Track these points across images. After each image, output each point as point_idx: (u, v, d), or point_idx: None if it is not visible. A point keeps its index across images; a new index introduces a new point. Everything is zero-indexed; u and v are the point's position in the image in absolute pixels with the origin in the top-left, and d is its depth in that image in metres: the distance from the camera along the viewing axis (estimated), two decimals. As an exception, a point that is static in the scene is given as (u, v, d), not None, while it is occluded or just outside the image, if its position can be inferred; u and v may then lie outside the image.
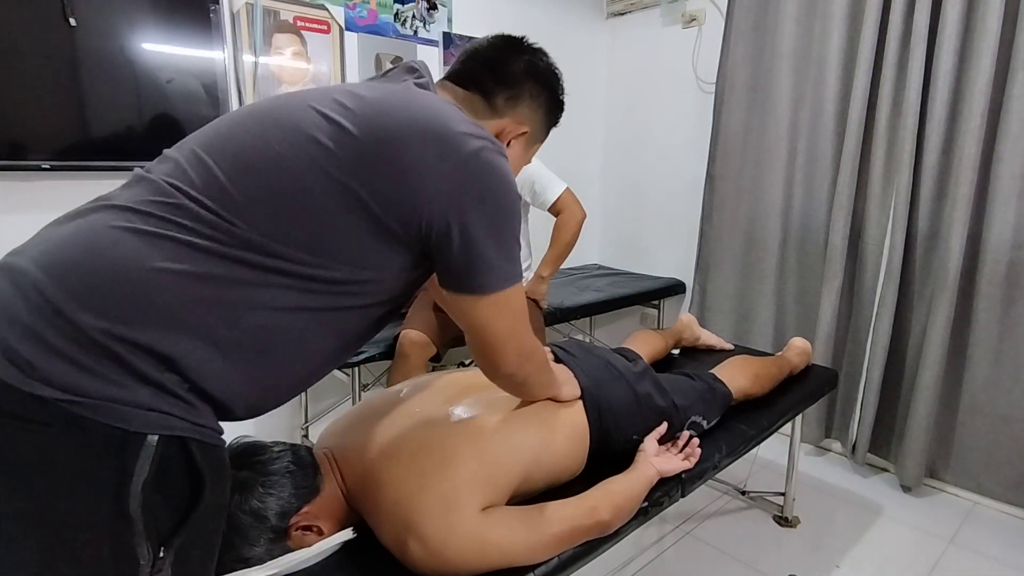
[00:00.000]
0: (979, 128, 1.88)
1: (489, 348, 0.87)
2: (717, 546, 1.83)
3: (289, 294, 0.72)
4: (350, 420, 1.10)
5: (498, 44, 0.94)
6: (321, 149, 0.72)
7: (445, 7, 2.48)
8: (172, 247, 0.67)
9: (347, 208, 0.72)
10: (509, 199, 0.80)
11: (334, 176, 0.71)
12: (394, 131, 0.73)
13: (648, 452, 1.21)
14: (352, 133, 0.72)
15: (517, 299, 0.85)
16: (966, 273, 1.99)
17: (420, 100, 0.79)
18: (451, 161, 0.74)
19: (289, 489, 0.90)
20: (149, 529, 0.64)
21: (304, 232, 0.71)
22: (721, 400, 1.45)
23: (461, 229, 0.75)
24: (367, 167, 0.72)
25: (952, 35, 1.92)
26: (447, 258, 0.78)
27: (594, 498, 1.05)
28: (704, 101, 2.74)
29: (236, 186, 0.70)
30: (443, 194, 0.74)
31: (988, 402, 2.00)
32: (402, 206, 0.73)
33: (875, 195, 2.18)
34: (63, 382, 0.60)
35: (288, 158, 0.71)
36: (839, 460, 2.37)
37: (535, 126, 0.97)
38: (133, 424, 0.62)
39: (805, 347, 1.87)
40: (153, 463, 0.63)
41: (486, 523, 0.91)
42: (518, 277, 0.83)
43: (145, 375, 0.64)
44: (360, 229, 0.73)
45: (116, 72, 1.69)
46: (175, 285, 0.66)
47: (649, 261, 3.14)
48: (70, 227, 0.69)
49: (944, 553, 1.81)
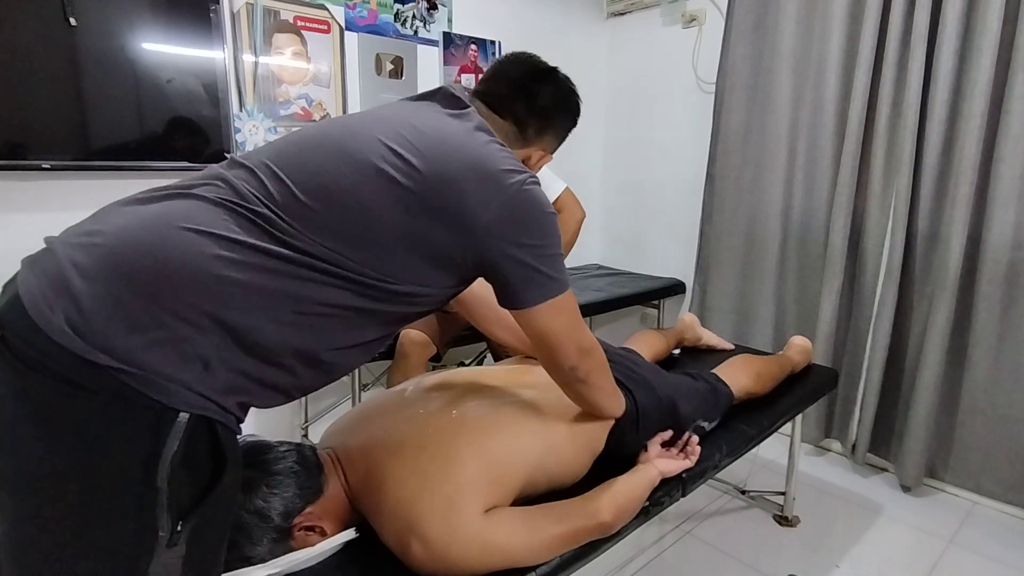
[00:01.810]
0: (979, 128, 1.88)
1: (549, 347, 0.95)
2: (717, 546, 1.83)
3: (348, 295, 0.79)
4: (353, 420, 1.10)
5: (529, 72, 1.02)
6: (390, 183, 0.80)
7: (445, 7, 2.48)
8: (243, 248, 0.74)
9: (411, 241, 0.81)
10: (549, 221, 0.89)
11: (400, 209, 0.79)
12: (453, 173, 0.82)
13: (650, 454, 1.22)
14: (419, 170, 0.81)
15: (569, 303, 0.94)
16: (966, 273, 1.99)
17: (472, 142, 0.87)
18: (500, 199, 0.83)
19: (293, 489, 0.90)
20: (171, 502, 0.67)
21: (369, 254, 0.79)
22: (723, 401, 1.46)
23: (511, 256, 0.85)
24: (429, 204, 0.80)
25: (952, 35, 1.92)
26: (502, 282, 0.88)
27: (596, 499, 1.04)
28: (704, 101, 2.74)
29: (311, 205, 0.77)
30: (494, 228, 0.83)
31: (988, 402, 2.00)
32: (458, 241, 0.83)
33: (875, 195, 2.18)
34: (120, 353, 0.66)
35: (362, 190, 0.79)
36: (839, 460, 2.37)
37: (554, 147, 1.09)
38: (173, 400, 0.67)
39: (806, 345, 1.88)
40: (183, 440, 0.67)
41: (488, 525, 0.91)
42: (567, 284, 0.93)
43: (198, 354, 0.70)
44: (419, 256, 0.82)
45: (116, 72, 1.69)
46: (243, 275, 0.73)
47: (649, 261, 3.14)
48: (148, 210, 0.75)
49: (944, 553, 1.81)
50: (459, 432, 1.00)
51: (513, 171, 0.86)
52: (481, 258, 0.85)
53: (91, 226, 0.74)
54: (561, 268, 0.92)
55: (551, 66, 1.04)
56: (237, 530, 0.85)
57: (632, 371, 1.36)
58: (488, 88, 1.01)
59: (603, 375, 1.08)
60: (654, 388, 1.32)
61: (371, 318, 0.84)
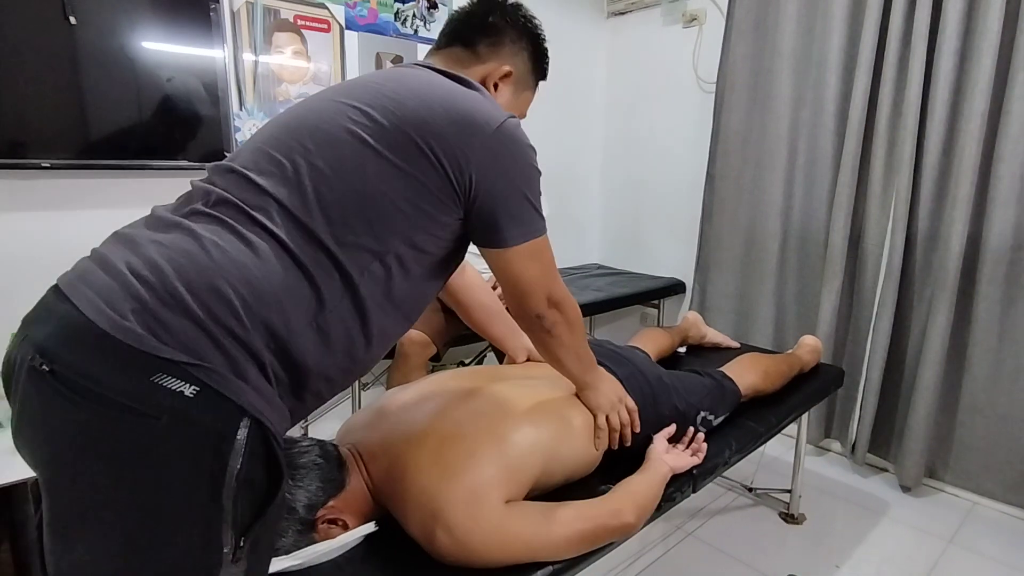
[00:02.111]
0: (979, 128, 1.88)
1: (520, 292, 0.95)
2: (723, 543, 1.84)
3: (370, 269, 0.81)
4: (372, 417, 1.12)
5: (479, 3, 1.03)
6: (367, 147, 0.80)
7: (445, 6, 2.48)
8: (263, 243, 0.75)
9: (412, 188, 0.81)
10: (530, 160, 0.89)
11: (382, 163, 0.80)
12: (425, 117, 0.82)
13: (658, 449, 1.22)
14: (391, 117, 0.81)
15: (546, 248, 0.95)
16: (966, 273, 1.99)
17: (444, 86, 0.88)
18: (479, 139, 0.83)
19: (317, 483, 0.93)
20: (235, 518, 0.67)
21: (368, 216, 0.80)
22: (730, 397, 1.46)
23: (496, 193, 0.86)
24: (411, 155, 0.81)
25: (953, 35, 1.92)
26: (487, 219, 0.87)
27: (618, 500, 1.06)
28: (704, 101, 2.74)
29: (314, 188, 0.78)
30: (476, 167, 0.83)
31: (988, 402, 2.00)
32: (448, 181, 0.83)
33: (875, 195, 2.18)
34: (189, 348, 0.66)
35: (346, 159, 0.80)
36: (839, 460, 2.37)
37: (520, 69, 1.04)
38: (241, 397, 0.67)
39: (816, 345, 1.87)
40: (245, 455, 0.67)
41: (511, 515, 0.94)
42: (544, 230, 0.93)
43: (258, 355, 0.70)
44: (421, 204, 0.83)
45: (116, 70, 1.69)
46: (278, 274, 0.74)
47: (649, 261, 3.14)
48: (174, 235, 0.75)
49: (944, 553, 1.81)
50: (478, 424, 1.02)
51: (491, 111, 0.86)
52: (468, 193, 0.85)
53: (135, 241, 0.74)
54: (541, 213, 0.92)
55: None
56: None
57: (617, 355, 1.37)
58: (442, 32, 1.04)
59: (572, 333, 1.05)
60: (643, 372, 1.33)
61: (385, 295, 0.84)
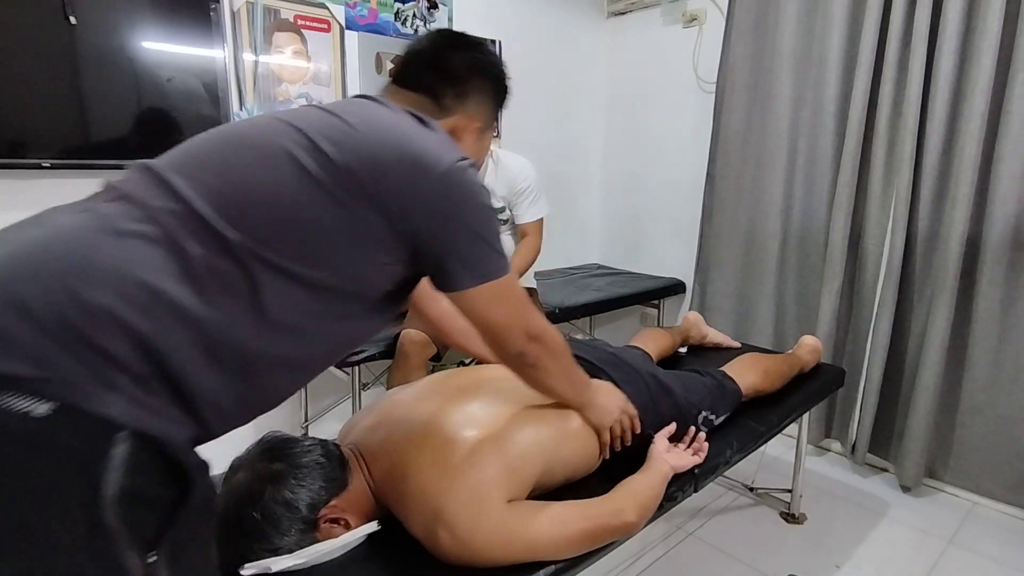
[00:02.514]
0: (979, 128, 1.88)
1: (493, 334, 0.91)
2: (724, 543, 1.84)
3: (294, 295, 0.74)
4: (373, 417, 1.12)
5: (439, 43, 0.97)
6: (305, 173, 0.74)
7: (446, 6, 2.48)
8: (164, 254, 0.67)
9: (347, 224, 0.75)
10: (482, 202, 0.84)
11: (321, 196, 0.74)
12: (374, 154, 0.77)
13: (659, 449, 1.22)
14: (336, 152, 0.76)
15: (514, 286, 0.90)
16: (966, 273, 1.99)
17: (398, 122, 0.83)
18: (427, 180, 0.78)
19: (319, 482, 0.93)
20: (134, 535, 0.60)
21: (299, 244, 0.74)
22: (731, 396, 1.47)
23: (444, 237, 0.81)
24: (352, 190, 0.75)
25: (953, 35, 1.92)
26: (437, 264, 0.83)
27: (620, 499, 1.06)
28: (704, 101, 2.74)
29: (229, 203, 0.72)
30: (420, 208, 0.78)
31: (988, 402, 2.00)
32: (388, 224, 0.77)
33: (875, 195, 2.18)
34: (38, 360, 0.58)
35: (280, 181, 0.74)
36: (838, 460, 2.37)
37: (485, 117, 1.00)
38: (113, 408, 0.60)
39: (816, 345, 1.87)
40: (125, 472, 0.59)
41: (513, 515, 0.94)
42: (507, 267, 0.88)
43: (128, 365, 0.62)
44: (355, 242, 0.77)
45: (116, 70, 1.69)
46: (165, 286, 0.66)
47: (649, 261, 3.14)
48: (52, 227, 0.69)
49: (944, 553, 1.81)
50: (479, 424, 1.03)
51: (442, 152, 0.81)
52: (411, 239, 0.80)
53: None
54: (500, 251, 0.87)
55: (464, 34, 0.99)
56: (266, 521, 0.88)
57: (614, 356, 1.38)
58: (400, 68, 0.96)
59: (558, 361, 1.03)
60: (640, 372, 1.33)
61: (322, 326, 0.78)
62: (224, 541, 0.89)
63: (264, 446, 0.97)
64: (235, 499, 0.90)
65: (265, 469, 0.92)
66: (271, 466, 0.92)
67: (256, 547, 0.88)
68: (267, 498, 0.89)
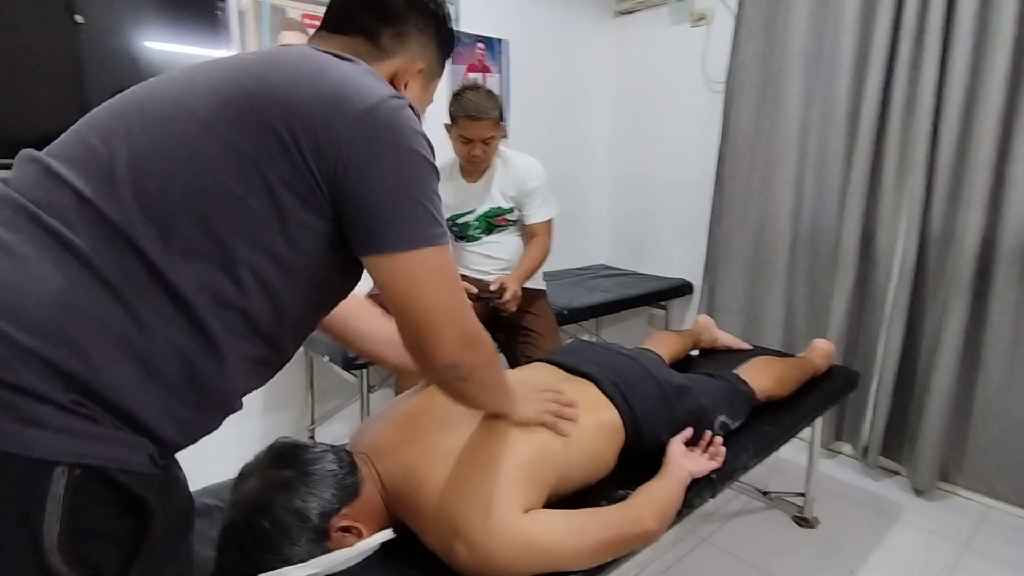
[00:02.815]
0: (994, 128, 1.86)
1: (423, 327, 0.73)
2: (737, 548, 1.82)
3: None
4: (384, 425, 1.10)
5: None
6: (204, 126, 0.66)
7: (452, 5, 2.46)
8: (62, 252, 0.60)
9: (250, 175, 0.65)
10: (416, 148, 0.71)
11: (232, 152, 0.65)
12: (283, 95, 0.67)
13: (676, 454, 1.21)
14: (230, 101, 0.67)
15: (449, 266, 0.75)
16: (981, 275, 1.96)
17: (319, 60, 0.72)
18: (349, 115, 0.67)
19: (331, 490, 0.90)
20: (93, 573, 0.56)
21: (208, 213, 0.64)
22: (745, 401, 1.45)
23: (368, 185, 0.68)
24: (256, 132, 0.65)
25: (967, 33, 1.90)
26: (358, 220, 0.69)
27: (639, 506, 1.04)
28: (713, 100, 2.71)
29: (132, 178, 0.63)
30: (346, 151, 0.67)
31: (1002, 406, 1.98)
32: (303, 169, 0.66)
33: (888, 196, 2.15)
34: None
35: (178, 141, 0.65)
36: (849, 463, 2.35)
37: (429, 61, 0.88)
38: (39, 445, 0.54)
39: (829, 349, 1.85)
40: (65, 509, 0.54)
41: (531, 525, 0.92)
42: (445, 237, 0.74)
43: (47, 395, 0.55)
44: (272, 205, 0.67)
45: (121, 70, 1.67)
46: (80, 293, 0.59)
47: (657, 262, 3.12)
48: None
49: (959, 558, 1.79)
50: (492, 433, 1.00)
51: (369, 86, 0.70)
52: (331, 189, 0.68)
53: None
54: (438, 219, 0.73)
55: None
56: (277, 530, 0.86)
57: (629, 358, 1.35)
58: (329, 11, 0.86)
59: (494, 372, 0.90)
60: (654, 375, 1.31)
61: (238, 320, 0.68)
62: (235, 550, 0.88)
63: (274, 452, 0.94)
64: (245, 507, 0.88)
65: (275, 476, 0.90)
66: (281, 473, 0.90)
67: (268, 556, 0.86)
68: (277, 507, 0.86)
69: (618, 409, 1.21)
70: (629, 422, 1.20)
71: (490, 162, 2.00)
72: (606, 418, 1.19)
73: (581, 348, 1.46)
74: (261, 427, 2.22)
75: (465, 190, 2.04)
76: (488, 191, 2.03)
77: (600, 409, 1.19)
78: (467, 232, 2.09)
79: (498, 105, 1.89)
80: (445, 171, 2.07)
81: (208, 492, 1.16)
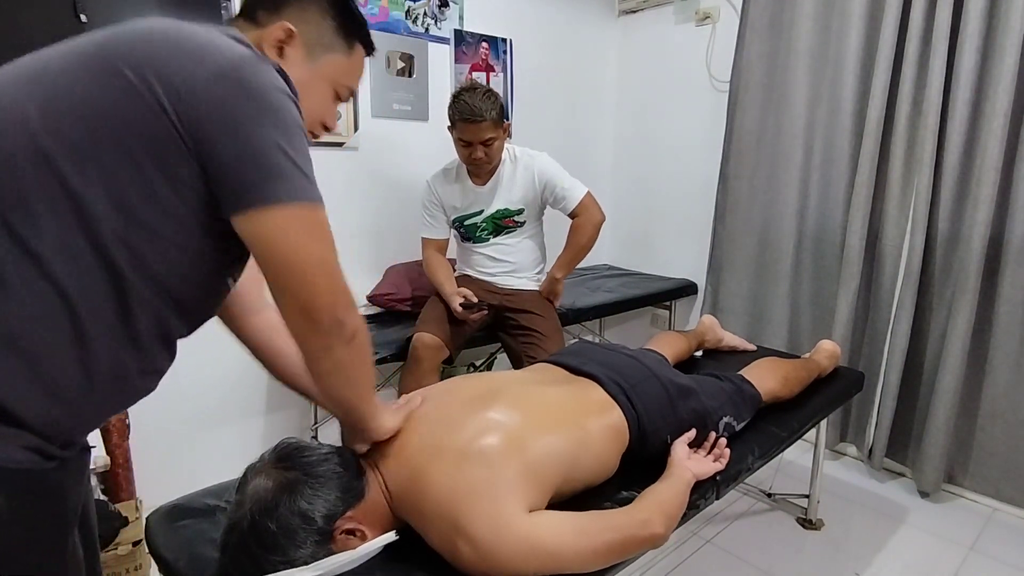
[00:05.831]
0: (1002, 128, 1.84)
1: (298, 283, 0.71)
2: (741, 550, 1.81)
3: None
4: None
5: None
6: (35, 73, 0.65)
7: (456, 4, 2.45)
8: None
9: (96, 119, 0.63)
10: (278, 103, 0.69)
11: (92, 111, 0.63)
12: (133, 44, 0.66)
13: (680, 456, 1.20)
14: (77, 50, 0.65)
15: (322, 226, 0.72)
16: (987, 275, 1.95)
17: (161, 23, 0.70)
18: (209, 69, 0.66)
19: (336, 492, 0.90)
20: None
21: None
22: (750, 401, 1.44)
23: (234, 138, 0.66)
24: (104, 76, 0.64)
25: (974, 33, 1.88)
26: (226, 174, 0.67)
27: (646, 509, 1.03)
28: (718, 100, 2.70)
29: None
30: (205, 103, 0.65)
31: (1008, 407, 1.97)
32: (158, 111, 0.64)
33: (894, 196, 2.14)
34: None
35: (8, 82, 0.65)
36: (854, 464, 2.34)
37: (311, 30, 0.84)
38: None
39: (834, 350, 1.84)
40: None
41: (535, 526, 0.91)
42: (318, 196, 0.72)
43: None
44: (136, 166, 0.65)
45: (126, 69, 1.67)
46: None
47: (660, 262, 3.11)
48: None
49: (965, 561, 1.78)
50: (496, 434, 1.00)
51: (230, 45, 0.69)
52: (195, 135, 0.65)
53: None
54: (306, 174, 0.71)
55: None
56: (281, 532, 0.85)
57: (631, 359, 1.34)
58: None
59: (369, 345, 0.86)
60: (657, 376, 1.30)
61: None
62: (238, 552, 0.87)
63: (279, 453, 0.94)
64: (249, 508, 0.87)
65: (280, 478, 0.89)
66: (286, 474, 0.89)
67: (272, 558, 0.85)
68: (283, 509, 0.86)
69: (622, 409, 1.20)
70: (633, 422, 1.20)
71: (495, 163, 1.98)
72: (610, 418, 1.18)
73: (585, 349, 1.46)
74: (263, 427, 2.22)
75: (473, 192, 2.03)
76: (497, 192, 2.02)
77: (604, 409, 1.19)
78: (474, 233, 2.08)
79: (497, 105, 1.86)
80: (452, 172, 2.06)
81: (211, 492, 1.15)
